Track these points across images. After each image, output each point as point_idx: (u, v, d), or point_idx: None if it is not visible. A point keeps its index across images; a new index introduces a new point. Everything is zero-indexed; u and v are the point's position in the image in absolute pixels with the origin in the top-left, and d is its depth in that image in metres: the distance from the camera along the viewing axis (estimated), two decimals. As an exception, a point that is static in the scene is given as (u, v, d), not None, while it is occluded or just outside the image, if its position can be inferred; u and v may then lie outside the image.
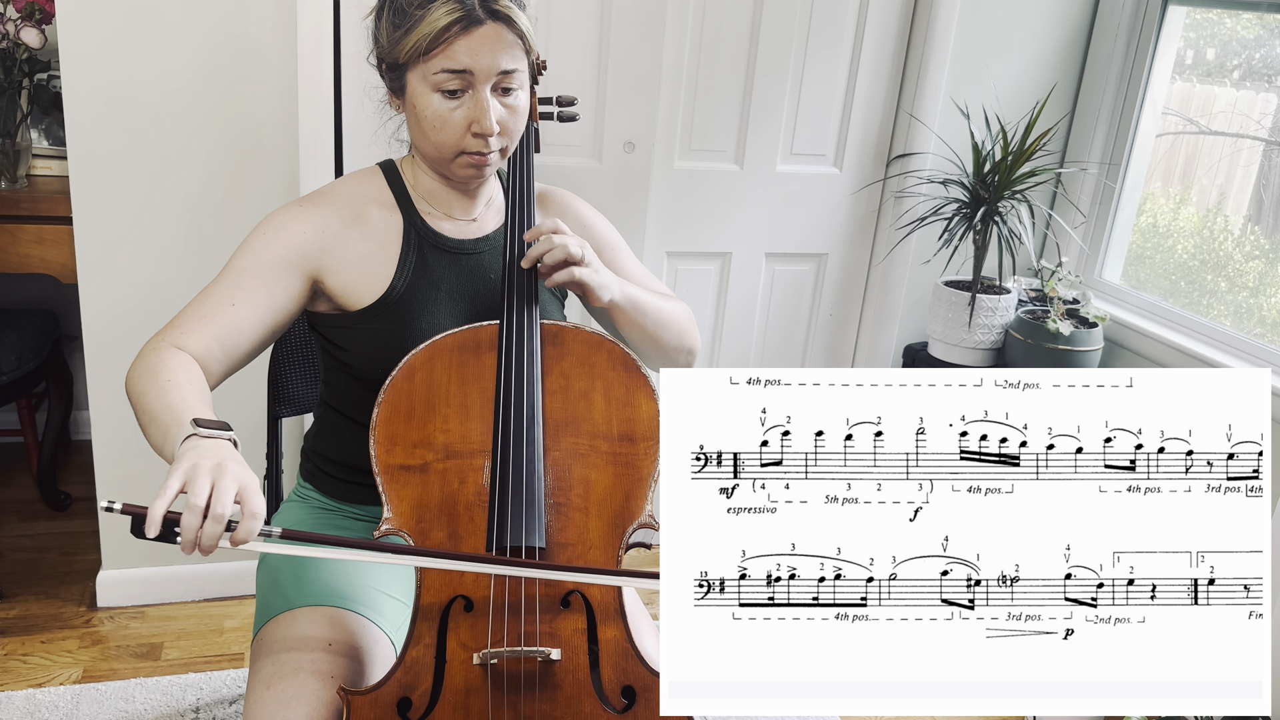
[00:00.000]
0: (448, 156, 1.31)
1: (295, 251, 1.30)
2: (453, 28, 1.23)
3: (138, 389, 1.18)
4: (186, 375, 1.18)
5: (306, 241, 1.30)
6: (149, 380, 1.17)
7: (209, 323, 1.25)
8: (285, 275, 1.29)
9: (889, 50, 2.62)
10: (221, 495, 0.98)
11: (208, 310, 1.26)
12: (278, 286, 1.29)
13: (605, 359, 1.28)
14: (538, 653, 1.12)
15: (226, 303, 1.26)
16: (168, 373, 1.17)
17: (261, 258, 1.29)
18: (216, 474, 1.00)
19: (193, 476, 0.99)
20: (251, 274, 1.28)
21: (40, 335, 2.54)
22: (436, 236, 1.38)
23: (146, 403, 1.15)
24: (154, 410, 1.14)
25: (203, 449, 1.03)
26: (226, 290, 1.27)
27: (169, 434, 1.10)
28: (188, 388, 1.16)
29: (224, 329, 1.25)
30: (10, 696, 2.00)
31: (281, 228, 1.31)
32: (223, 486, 0.99)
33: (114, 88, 2.02)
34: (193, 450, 1.03)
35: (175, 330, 1.25)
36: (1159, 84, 2.60)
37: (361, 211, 1.35)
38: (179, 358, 1.21)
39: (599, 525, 1.21)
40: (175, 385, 1.15)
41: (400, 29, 1.25)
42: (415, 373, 1.23)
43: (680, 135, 2.54)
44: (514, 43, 1.27)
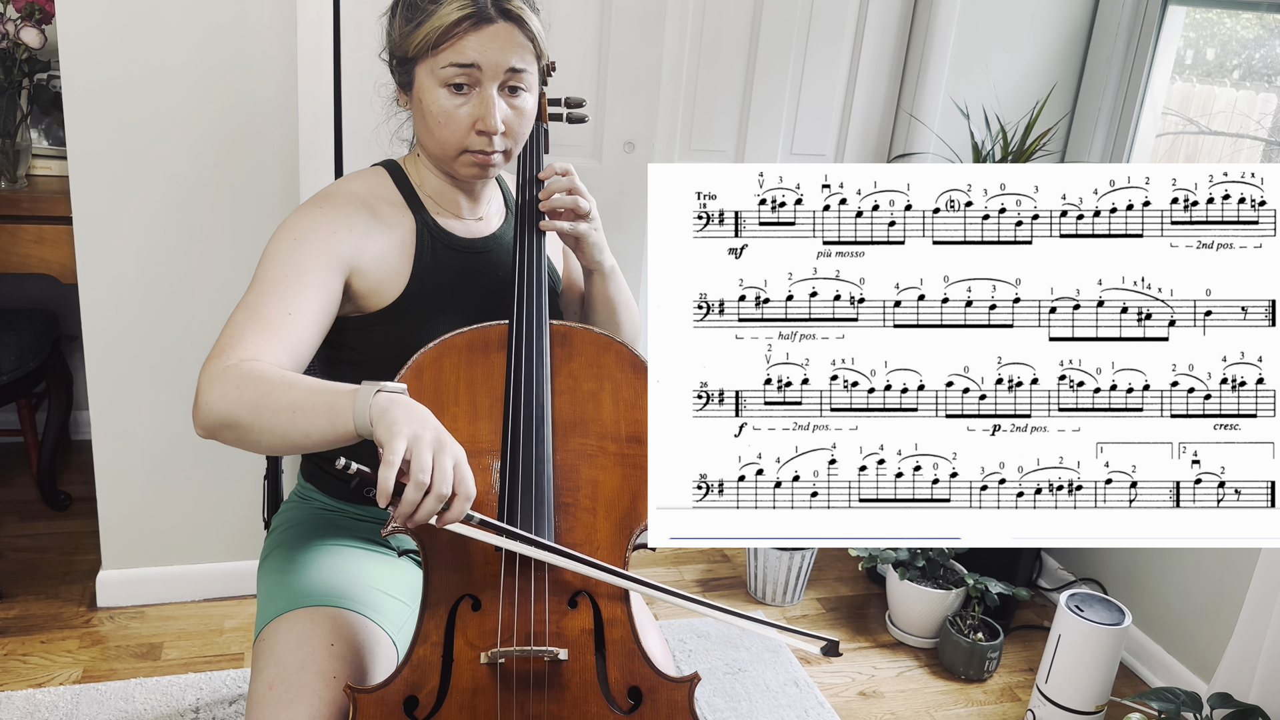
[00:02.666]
0: (452, 154, 1.31)
1: (331, 253, 1.27)
2: (463, 23, 1.23)
3: (243, 399, 1.09)
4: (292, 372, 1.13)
5: (338, 241, 1.28)
6: (255, 384, 1.10)
7: (273, 335, 1.18)
8: (330, 277, 1.26)
9: (889, 49, 2.62)
10: (445, 475, 0.99)
11: (265, 323, 1.18)
12: (324, 290, 1.25)
13: (614, 360, 1.28)
14: (545, 652, 1.12)
15: (283, 312, 1.20)
16: (275, 372, 1.11)
17: (303, 263, 1.24)
18: (437, 448, 1.00)
19: (416, 447, 0.98)
20: (297, 280, 1.23)
21: (40, 335, 2.54)
22: (447, 236, 1.38)
23: (274, 400, 1.08)
24: (294, 402, 1.07)
25: (408, 410, 1.02)
26: (279, 300, 1.21)
27: (338, 408, 1.05)
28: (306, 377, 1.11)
29: (289, 339, 1.20)
30: (10, 696, 2.00)
31: (310, 229, 1.27)
32: (443, 464, 0.99)
33: (114, 87, 2.02)
34: (397, 408, 1.02)
35: (239, 346, 1.16)
36: (1159, 84, 2.60)
37: (377, 210, 1.34)
38: (263, 364, 1.14)
39: (606, 526, 1.21)
40: (295, 378, 1.10)
41: (411, 23, 1.26)
42: (424, 371, 1.23)
43: (680, 135, 2.54)
44: (524, 44, 1.27)
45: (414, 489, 0.98)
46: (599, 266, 1.39)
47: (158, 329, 2.17)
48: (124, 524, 2.28)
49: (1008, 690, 2.34)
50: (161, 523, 2.30)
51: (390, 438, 0.99)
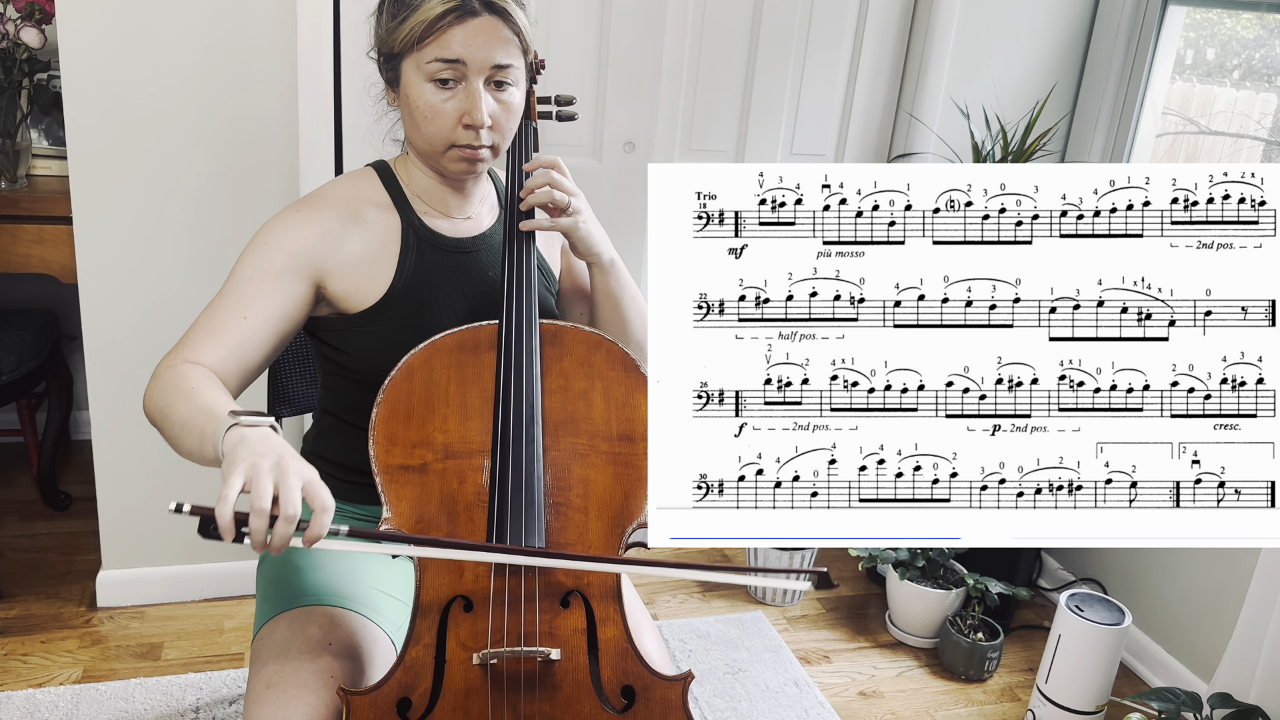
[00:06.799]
0: (439, 149, 1.31)
1: (298, 258, 1.29)
2: (447, 16, 1.23)
3: (159, 404, 1.15)
4: (209, 382, 1.16)
5: (308, 246, 1.30)
6: (171, 393, 1.15)
7: (221, 337, 1.23)
8: (291, 282, 1.28)
9: (889, 50, 2.62)
10: (290, 495, 0.96)
11: (218, 325, 1.24)
12: (284, 294, 1.28)
13: (604, 359, 1.28)
14: (537, 653, 1.12)
15: (237, 316, 1.24)
16: (189, 382, 1.15)
17: (265, 267, 1.27)
18: (278, 473, 0.97)
19: (254, 476, 0.96)
20: (257, 284, 1.26)
21: (40, 335, 2.54)
22: (434, 236, 1.38)
23: (173, 413, 1.13)
24: (184, 418, 1.11)
25: (252, 443, 1.00)
26: (235, 303, 1.25)
27: (206, 433, 1.07)
28: (214, 391, 1.14)
29: (237, 342, 1.23)
30: (10, 696, 2.00)
31: (281, 234, 1.30)
32: (288, 485, 0.96)
33: (114, 87, 2.02)
34: (244, 445, 1.00)
35: (187, 348, 1.22)
36: (1159, 84, 2.60)
37: (359, 213, 1.35)
38: (197, 370, 1.19)
39: (598, 525, 1.21)
40: (200, 391, 1.14)
41: (397, 18, 1.27)
42: (414, 373, 1.23)
43: (680, 135, 2.54)
44: (509, 38, 1.27)
45: (256, 516, 0.95)
46: (596, 259, 1.39)
47: (158, 329, 2.17)
48: (124, 524, 2.28)
49: (1008, 690, 2.34)
50: (161, 523, 2.30)
51: (229, 473, 0.97)
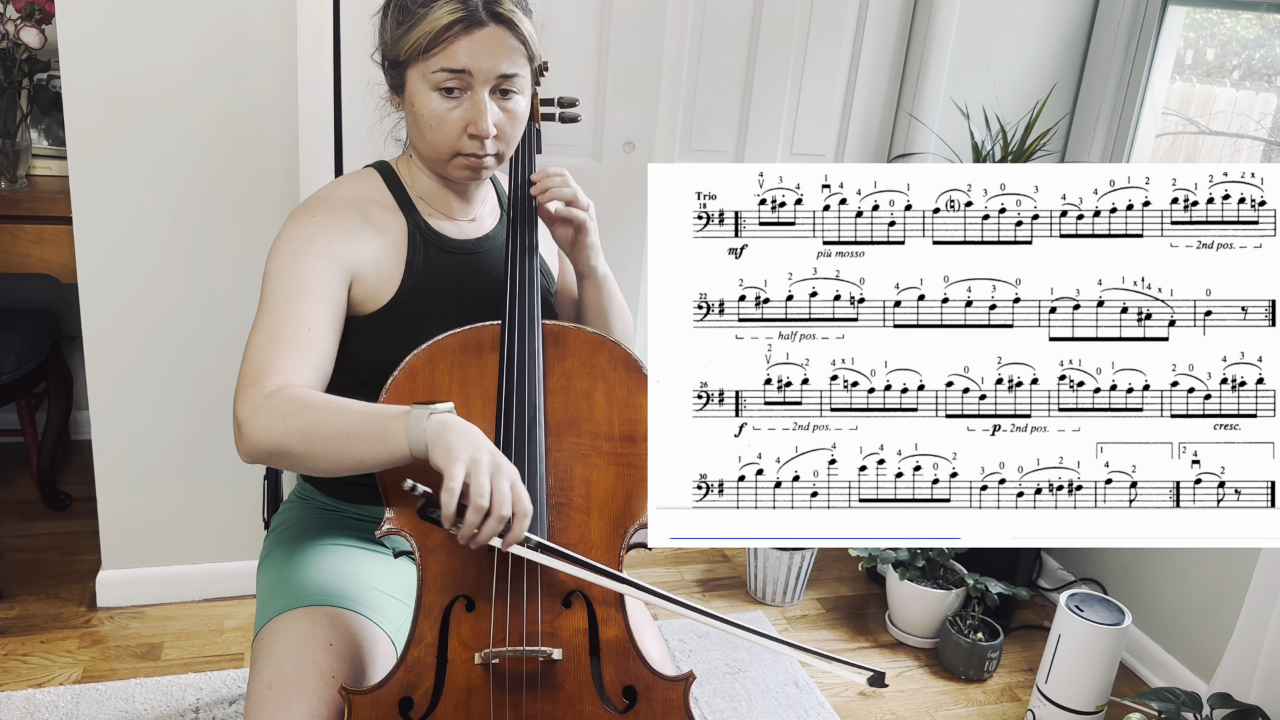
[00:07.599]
0: (444, 157, 1.31)
1: (333, 261, 1.27)
2: (454, 27, 1.23)
3: (295, 429, 1.11)
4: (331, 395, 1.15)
5: (337, 249, 1.28)
6: (302, 413, 1.11)
7: (298, 355, 1.19)
8: (335, 287, 1.26)
9: (889, 50, 2.62)
10: (503, 496, 1.02)
11: (289, 344, 1.19)
12: (333, 300, 1.26)
13: (607, 359, 1.28)
14: (539, 652, 1.12)
15: (303, 330, 1.21)
16: (319, 399, 1.13)
17: (309, 276, 1.24)
18: (494, 470, 1.03)
19: (474, 471, 1.02)
20: (306, 294, 1.23)
21: (40, 335, 2.54)
22: (439, 237, 1.38)
23: (326, 429, 1.10)
24: (345, 429, 1.09)
25: (459, 431, 1.05)
26: (294, 318, 1.21)
27: (389, 432, 1.07)
28: (349, 399, 1.13)
29: (315, 355, 1.21)
30: (10, 696, 2.00)
31: (308, 241, 1.27)
32: (501, 487, 1.03)
33: (114, 87, 2.02)
34: (451, 431, 1.04)
35: (273, 373, 1.17)
36: (1159, 84, 2.60)
37: (369, 214, 1.34)
38: (306, 389, 1.16)
39: (600, 525, 1.21)
40: (339, 402, 1.12)
41: (403, 26, 1.26)
42: (417, 373, 1.23)
43: (680, 135, 2.54)
44: (515, 48, 1.27)
45: (474, 513, 1.02)
46: (592, 272, 1.39)
47: (158, 329, 2.17)
48: (124, 524, 2.28)
49: (1008, 690, 2.34)
50: (161, 523, 2.30)
51: (449, 463, 1.02)
